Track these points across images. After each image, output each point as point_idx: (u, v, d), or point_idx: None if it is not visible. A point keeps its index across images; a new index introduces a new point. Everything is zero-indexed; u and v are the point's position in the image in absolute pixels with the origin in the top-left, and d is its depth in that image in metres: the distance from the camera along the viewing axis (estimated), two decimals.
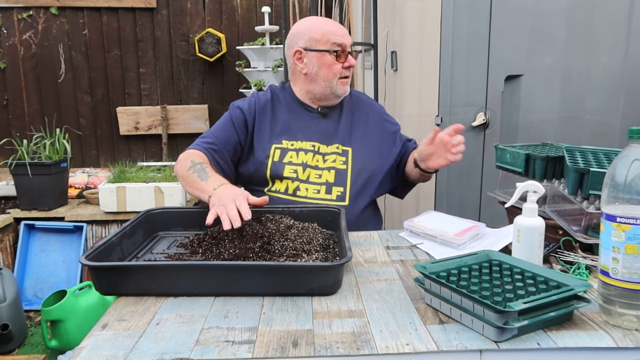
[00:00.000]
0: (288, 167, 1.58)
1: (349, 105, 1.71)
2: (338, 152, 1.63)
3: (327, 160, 1.61)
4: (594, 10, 2.37)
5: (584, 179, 1.26)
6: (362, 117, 1.71)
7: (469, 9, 2.35)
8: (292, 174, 1.57)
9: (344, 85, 1.62)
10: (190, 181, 1.44)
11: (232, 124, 1.62)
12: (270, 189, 1.59)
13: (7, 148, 3.32)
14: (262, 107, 1.65)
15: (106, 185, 3.05)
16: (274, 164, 1.58)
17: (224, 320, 0.94)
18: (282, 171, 1.57)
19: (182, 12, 4.10)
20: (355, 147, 1.65)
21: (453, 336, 0.86)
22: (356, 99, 1.75)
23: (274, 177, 1.58)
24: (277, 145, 1.61)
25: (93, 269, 1.04)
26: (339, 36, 1.59)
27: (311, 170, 1.59)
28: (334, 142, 1.64)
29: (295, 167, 1.58)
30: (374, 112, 1.76)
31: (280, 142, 1.62)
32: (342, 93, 1.63)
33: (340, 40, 1.59)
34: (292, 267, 1.05)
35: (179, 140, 4.20)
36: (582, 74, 2.43)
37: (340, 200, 1.58)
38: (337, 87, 1.61)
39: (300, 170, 1.58)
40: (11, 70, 4.08)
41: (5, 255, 3.05)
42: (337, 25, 1.64)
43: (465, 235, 1.32)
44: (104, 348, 0.85)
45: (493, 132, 2.46)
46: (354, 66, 1.63)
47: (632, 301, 0.87)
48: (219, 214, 1.22)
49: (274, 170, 1.58)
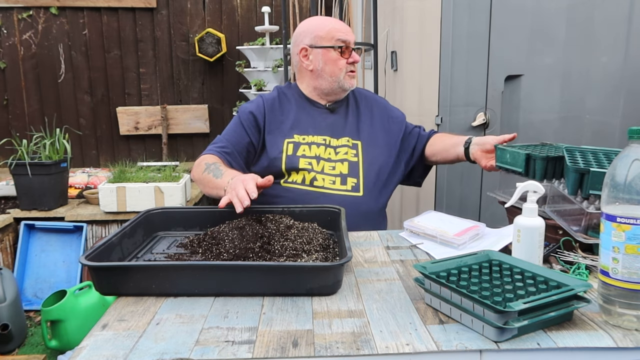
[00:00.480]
0: (302, 160, 1.61)
1: (354, 100, 1.77)
2: (348, 145, 1.67)
3: (339, 152, 1.65)
4: (594, 10, 2.37)
5: (584, 179, 1.26)
6: (367, 111, 1.76)
7: (469, 9, 2.35)
8: (308, 166, 1.60)
9: (351, 78, 1.68)
10: (206, 181, 1.47)
11: (242, 127, 1.66)
12: (287, 181, 1.61)
13: (7, 148, 3.32)
14: (270, 106, 1.69)
15: (106, 185, 3.05)
16: (289, 157, 1.61)
17: (224, 321, 0.94)
18: (297, 163, 1.60)
19: (182, 12, 4.10)
20: (364, 141, 1.69)
21: (453, 336, 0.86)
22: (359, 95, 1.80)
23: (289, 169, 1.61)
24: (289, 140, 1.64)
25: (93, 269, 1.04)
26: (343, 33, 1.65)
27: (325, 163, 1.63)
28: (344, 135, 1.69)
29: (310, 160, 1.61)
30: (378, 106, 1.80)
31: (292, 136, 1.65)
32: (349, 87, 1.69)
33: (344, 37, 1.64)
34: (292, 267, 1.05)
35: (179, 140, 4.20)
36: (582, 74, 2.43)
37: (355, 190, 1.62)
38: (344, 81, 1.67)
39: (315, 163, 1.61)
40: (11, 70, 4.08)
41: (5, 255, 3.05)
42: (341, 23, 1.69)
43: (465, 235, 1.32)
44: (104, 348, 0.85)
45: (493, 132, 2.46)
46: (358, 62, 1.68)
47: (632, 301, 0.87)
48: (231, 198, 1.25)
49: (289, 163, 1.60)
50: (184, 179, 3.14)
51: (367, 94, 1.84)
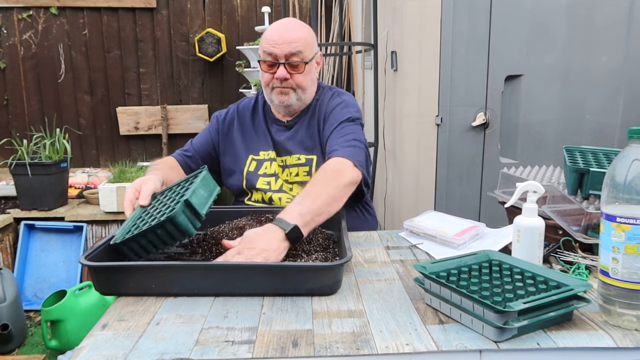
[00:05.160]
0: (262, 179, 1.57)
1: (314, 109, 1.59)
2: (300, 162, 1.55)
3: (291, 173, 1.56)
4: (594, 10, 2.37)
5: (584, 179, 1.26)
6: (321, 119, 1.57)
7: (469, 9, 2.35)
8: (265, 186, 1.57)
9: (281, 95, 1.51)
10: None
11: (208, 132, 1.67)
12: (250, 199, 1.60)
13: (7, 148, 3.32)
14: (241, 117, 1.65)
15: (106, 185, 3.05)
16: (249, 173, 1.59)
17: (223, 320, 0.94)
18: (255, 182, 1.57)
19: (182, 12, 4.10)
20: (318, 155, 1.55)
21: (453, 336, 0.86)
22: (320, 102, 1.60)
23: (249, 187, 1.59)
24: (253, 157, 1.60)
25: (93, 269, 1.05)
26: (271, 44, 1.47)
27: (283, 182, 1.57)
28: (295, 152, 1.57)
29: (269, 179, 1.57)
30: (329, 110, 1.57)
31: (257, 153, 1.60)
32: (278, 103, 1.52)
33: (270, 49, 1.47)
34: (292, 267, 1.05)
35: (179, 140, 4.19)
36: (582, 74, 2.43)
37: None
38: (272, 95, 1.52)
39: (273, 181, 1.57)
40: (11, 70, 4.07)
41: (5, 255, 3.05)
42: (282, 31, 1.49)
43: (465, 235, 1.32)
44: (104, 348, 0.85)
45: (493, 132, 2.46)
46: (283, 78, 1.47)
47: (632, 301, 0.87)
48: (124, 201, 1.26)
49: (249, 181, 1.58)
50: None
51: (325, 97, 1.60)
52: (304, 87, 1.52)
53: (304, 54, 1.49)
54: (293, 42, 1.47)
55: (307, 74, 1.52)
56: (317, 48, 1.58)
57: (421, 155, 2.50)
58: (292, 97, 1.52)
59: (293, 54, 1.47)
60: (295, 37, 1.47)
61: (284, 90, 1.51)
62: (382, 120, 2.84)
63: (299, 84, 1.51)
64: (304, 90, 1.53)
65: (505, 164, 2.32)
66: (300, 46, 1.47)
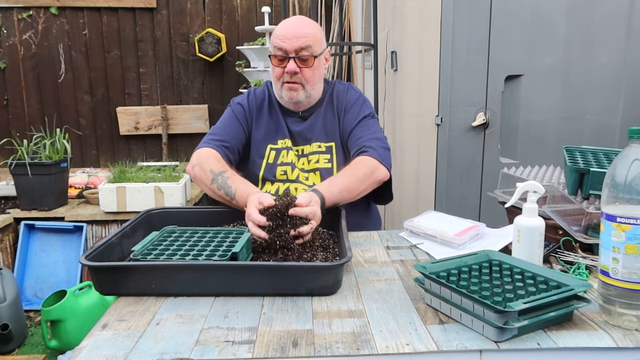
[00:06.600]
0: (279, 169, 1.58)
1: (330, 99, 1.65)
2: (321, 150, 1.60)
3: (310, 161, 1.60)
4: (594, 10, 2.37)
5: (584, 179, 1.26)
6: (341, 109, 1.63)
7: (469, 9, 2.35)
8: (282, 176, 1.57)
9: (290, 91, 1.55)
10: (218, 196, 1.45)
11: (237, 120, 1.63)
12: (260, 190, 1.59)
13: (7, 148, 3.32)
14: (259, 105, 1.66)
15: (106, 185, 3.05)
16: (268, 165, 1.59)
17: (224, 320, 0.94)
18: (273, 173, 1.58)
19: (182, 12, 4.10)
20: (337, 141, 1.61)
21: (453, 336, 0.86)
22: (337, 92, 1.66)
23: (264, 178, 1.59)
24: (272, 146, 1.61)
25: (93, 269, 1.04)
26: (281, 39, 1.51)
27: (299, 172, 1.59)
28: (315, 140, 1.61)
29: (285, 168, 1.58)
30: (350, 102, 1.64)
31: (275, 142, 1.62)
32: (288, 99, 1.57)
33: (281, 44, 1.51)
34: (292, 267, 1.05)
35: (179, 140, 4.19)
36: (582, 74, 2.43)
37: None
38: (282, 91, 1.56)
39: (289, 170, 1.58)
40: (11, 70, 4.07)
41: (5, 255, 3.05)
42: (292, 27, 1.53)
43: (465, 235, 1.32)
44: (104, 348, 0.85)
45: (493, 132, 2.46)
46: (293, 72, 1.51)
47: (632, 301, 0.87)
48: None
49: (267, 172, 1.58)
50: (184, 179, 3.14)
51: (341, 90, 1.67)
52: (312, 83, 1.56)
53: (313, 49, 1.52)
54: (303, 37, 1.51)
55: (315, 69, 1.56)
56: (326, 45, 1.62)
57: (421, 155, 2.50)
58: (301, 94, 1.56)
59: (302, 49, 1.51)
60: (304, 32, 1.52)
61: (294, 87, 1.55)
62: (382, 120, 2.84)
63: (308, 79, 1.55)
64: (312, 85, 1.57)
65: (505, 164, 2.32)
66: (310, 41, 1.52)
